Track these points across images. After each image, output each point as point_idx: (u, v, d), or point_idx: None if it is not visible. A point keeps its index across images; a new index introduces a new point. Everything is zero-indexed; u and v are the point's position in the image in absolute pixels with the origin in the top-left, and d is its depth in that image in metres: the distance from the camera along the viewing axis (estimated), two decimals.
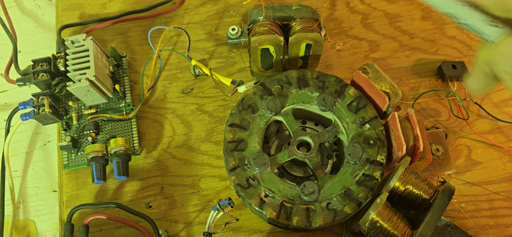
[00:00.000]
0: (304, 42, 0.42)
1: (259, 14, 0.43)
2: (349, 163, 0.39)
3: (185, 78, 0.49)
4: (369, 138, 0.40)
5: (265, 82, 0.42)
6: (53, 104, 0.44)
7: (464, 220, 0.42)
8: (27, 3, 0.58)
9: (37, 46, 0.54)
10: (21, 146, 0.49)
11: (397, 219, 0.35)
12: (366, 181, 0.38)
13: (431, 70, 0.50)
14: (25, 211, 0.46)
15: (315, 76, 0.43)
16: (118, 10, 0.54)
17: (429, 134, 0.45)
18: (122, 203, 0.42)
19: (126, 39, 0.52)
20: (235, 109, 0.41)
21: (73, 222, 0.40)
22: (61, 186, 0.45)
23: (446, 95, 0.48)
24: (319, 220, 0.36)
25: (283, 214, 0.36)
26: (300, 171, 0.43)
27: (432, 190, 0.36)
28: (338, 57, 0.51)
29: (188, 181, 0.44)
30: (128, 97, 0.48)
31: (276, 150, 0.44)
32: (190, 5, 0.54)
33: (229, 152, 0.39)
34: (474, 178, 0.44)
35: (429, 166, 0.43)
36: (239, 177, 0.38)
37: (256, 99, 0.41)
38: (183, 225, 0.42)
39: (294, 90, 0.42)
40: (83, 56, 0.44)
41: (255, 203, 0.37)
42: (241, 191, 0.37)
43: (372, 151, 0.39)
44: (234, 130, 0.40)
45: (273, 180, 0.38)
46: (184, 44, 0.51)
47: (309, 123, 0.46)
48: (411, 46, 0.51)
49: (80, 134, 0.46)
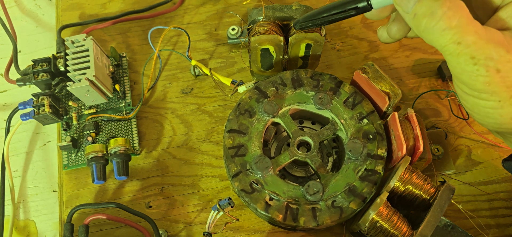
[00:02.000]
0: (304, 42, 0.42)
1: (259, 14, 0.43)
2: (350, 160, 0.39)
3: (185, 78, 0.49)
4: (368, 133, 0.40)
5: (260, 85, 0.42)
6: (53, 104, 0.44)
7: (464, 220, 0.42)
8: (27, 3, 0.58)
9: (37, 46, 0.54)
10: (21, 146, 0.49)
11: (397, 219, 0.35)
12: (369, 175, 0.38)
13: (431, 70, 0.50)
14: (25, 211, 0.46)
15: (309, 75, 0.43)
16: (118, 10, 0.54)
17: (429, 134, 0.45)
18: (122, 203, 0.42)
19: (126, 39, 0.52)
20: (233, 115, 0.41)
21: (73, 222, 0.40)
22: (61, 186, 0.45)
23: (446, 95, 0.48)
24: (326, 218, 0.36)
25: (290, 216, 0.36)
26: (301, 171, 0.43)
27: (432, 190, 0.36)
28: (338, 57, 0.51)
29: (188, 181, 0.44)
30: (128, 97, 0.48)
31: (275, 152, 0.44)
32: (190, 5, 0.54)
33: (230, 158, 0.39)
34: (474, 178, 0.44)
35: (429, 166, 0.43)
36: (242, 183, 0.38)
37: (253, 103, 0.41)
38: (183, 225, 0.42)
39: (290, 91, 0.42)
40: (83, 56, 0.44)
41: (260, 207, 0.37)
42: (246, 196, 0.37)
43: (372, 146, 0.39)
44: (233, 136, 0.40)
45: (277, 182, 0.38)
46: (184, 44, 0.51)
47: (306, 122, 0.46)
48: (411, 46, 0.51)
49: (80, 134, 0.46)
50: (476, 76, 0.27)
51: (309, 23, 0.36)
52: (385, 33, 0.33)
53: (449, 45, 0.26)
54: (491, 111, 0.28)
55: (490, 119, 0.29)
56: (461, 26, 0.26)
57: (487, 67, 0.26)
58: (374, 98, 0.42)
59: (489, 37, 0.26)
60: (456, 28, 0.26)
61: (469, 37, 0.26)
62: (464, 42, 0.26)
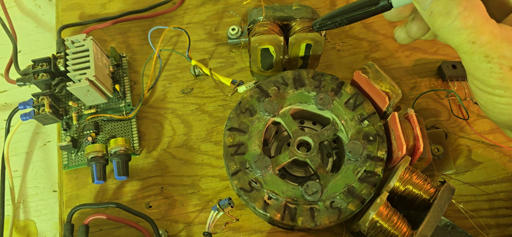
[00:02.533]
0: (304, 42, 0.42)
1: (259, 14, 0.43)
2: (350, 161, 0.39)
3: (185, 78, 0.49)
4: (368, 134, 0.40)
5: (261, 85, 0.42)
6: (53, 104, 0.44)
7: (464, 220, 0.42)
8: (27, 3, 0.58)
9: (37, 46, 0.54)
10: (21, 146, 0.49)
11: (397, 219, 0.35)
12: (368, 177, 0.38)
13: (431, 70, 0.50)
14: (25, 211, 0.46)
15: (311, 75, 0.43)
16: (118, 10, 0.54)
17: (429, 134, 0.45)
18: (122, 203, 0.42)
19: (126, 39, 0.52)
20: (233, 113, 0.41)
21: (73, 222, 0.40)
22: (61, 186, 0.45)
23: (446, 95, 0.48)
24: (324, 219, 0.36)
25: (288, 215, 0.36)
26: (301, 171, 0.43)
27: (432, 190, 0.36)
28: (338, 57, 0.51)
29: (188, 181, 0.44)
30: (128, 97, 0.48)
31: (275, 151, 0.44)
32: (190, 5, 0.54)
33: (229, 157, 0.39)
34: (474, 178, 0.44)
35: (429, 166, 0.43)
36: (241, 181, 0.38)
37: (254, 102, 0.42)
38: (183, 225, 0.42)
39: (291, 91, 0.42)
40: (83, 56, 0.44)
41: (259, 206, 0.37)
42: (244, 194, 0.37)
43: (372, 147, 0.39)
44: (233, 134, 0.40)
45: (276, 182, 0.38)
46: (184, 44, 0.51)
47: (307, 122, 0.46)
48: (411, 46, 0.51)
49: (80, 134, 0.46)
50: (490, 73, 0.27)
51: (328, 22, 0.35)
52: (402, 33, 0.33)
53: (464, 44, 0.27)
54: (506, 108, 0.29)
55: (504, 116, 0.29)
56: (476, 26, 0.26)
57: (501, 65, 0.26)
58: (374, 98, 0.42)
59: (504, 36, 0.26)
60: (471, 28, 0.26)
61: (484, 37, 0.26)
62: (478, 42, 0.26)
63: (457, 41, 0.27)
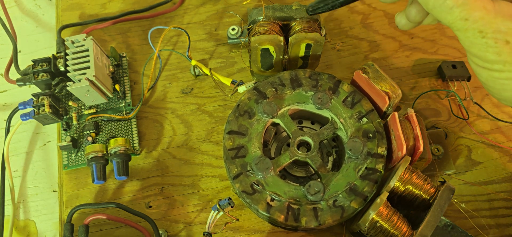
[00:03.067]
0: (304, 42, 0.42)
1: (259, 14, 0.43)
2: (351, 159, 0.39)
3: (185, 78, 0.49)
4: (367, 131, 0.40)
5: (259, 86, 0.42)
6: (53, 104, 0.44)
7: (464, 220, 0.42)
8: (27, 3, 0.58)
9: (37, 46, 0.54)
10: (21, 146, 0.49)
11: (397, 219, 0.35)
12: (370, 174, 0.38)
13: (431, 70, 0.50)
14: (25, 211, 0.46)
15: (308, 75, 0.43)
16: (118, 10, 0.54)
17: (429, 134, 0.45)
18: (122, 203, 0.42)
19: (126, 39, 0.52)
20: (232, 116, 0.41)
21: (73, 222, 0.40)
22: (61, 186, 0.45)
23: (446, 95, 0.48)
24: (328, 218, 0.36)
25: (291, 216, 0.36)
26: (301, 171, 0.43)
27: (432, 190, 0.36)
28: (338, 57, 0.51)
29: (188, 181, 0.44)
30: (128, 97, 0.48)
31: (275, 152, 0.44)
32: (190, 5, 0.54)
33: (230, 160, 0.39)
34: (474, 178, 0.44)
35: (429, 166, 0.43)
36: (243, 184, 0.38)
37: (252, 104, 0.41)
38: (183, 225, 0.42)
39: (289, 91, 0.42)
40: (83, 56, 0.44)
41: (262, 208, 0.37)
42: (247, 197, 0.37)
43: (372, 144, 0.39)
44: (233, 137, 0.40)
45: (278, 183, 0.38)
46: (184, 44, 0.51)
47: (306, 122, 0.46)
48: (411, 46, 0.51)
49: (80, 134, 0.46)
50: (486, 48, 0.27)
51: (321, 4, 0.35)
52: (403, 19, 0.33)
53: (457, 21, 0.27)
54: (507, 83, 0.29)
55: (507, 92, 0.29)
56: (468, 3, 0.26)
57: (496, 40, 0.27)
58: (374, 98, 0.42)
59: (497, 11, 0.27)
60: (463, 5, 0.26)
61: (476, 13, 0.26)
62: (471, 18, 0.26)
63: (450, 19, 0.27)
